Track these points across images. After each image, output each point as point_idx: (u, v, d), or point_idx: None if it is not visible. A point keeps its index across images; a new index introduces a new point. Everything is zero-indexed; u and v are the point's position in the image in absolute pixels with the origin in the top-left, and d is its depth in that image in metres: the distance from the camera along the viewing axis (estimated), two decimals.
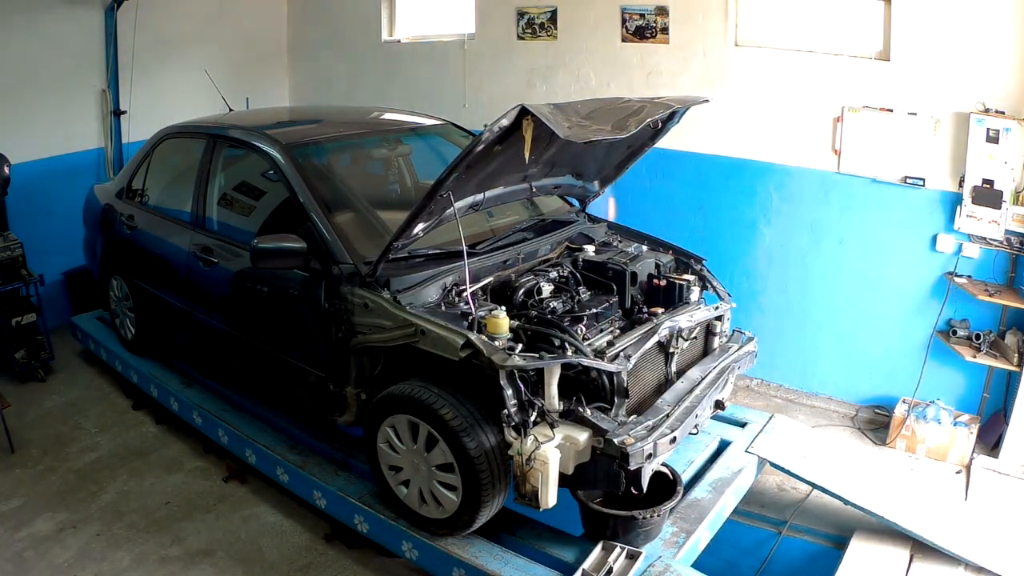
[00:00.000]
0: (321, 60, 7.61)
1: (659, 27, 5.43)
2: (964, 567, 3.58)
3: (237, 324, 4.05)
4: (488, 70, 6.38)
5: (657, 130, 3.72)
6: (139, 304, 4.85)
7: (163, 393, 4.74)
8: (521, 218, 4.07)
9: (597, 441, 2.85)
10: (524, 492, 2.84)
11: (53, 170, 6.08)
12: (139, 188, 4.87)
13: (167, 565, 3.74)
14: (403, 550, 3.38)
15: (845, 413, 5.21)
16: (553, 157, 3.55)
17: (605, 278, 3.61)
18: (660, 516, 3.17)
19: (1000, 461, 4.51)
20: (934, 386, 4.85)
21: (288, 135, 4.04)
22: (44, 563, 3.71)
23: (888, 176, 4.82)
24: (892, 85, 4.69)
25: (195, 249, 4.16)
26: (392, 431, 3.22)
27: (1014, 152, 4.35)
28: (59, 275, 6.16)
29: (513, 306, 3.28)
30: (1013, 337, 4.56)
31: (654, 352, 3.33)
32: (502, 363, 2.76)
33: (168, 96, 6.65)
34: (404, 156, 4.53)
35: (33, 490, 4.28)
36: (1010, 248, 4.51)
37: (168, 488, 4.34)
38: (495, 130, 2.71)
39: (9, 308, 5.32)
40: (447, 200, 3.07)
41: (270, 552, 3.88)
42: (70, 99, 6.18)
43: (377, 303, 3.20)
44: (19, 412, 4.95)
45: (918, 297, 4.89)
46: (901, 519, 3.68)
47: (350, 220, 3.64)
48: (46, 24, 5.88)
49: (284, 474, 3.93)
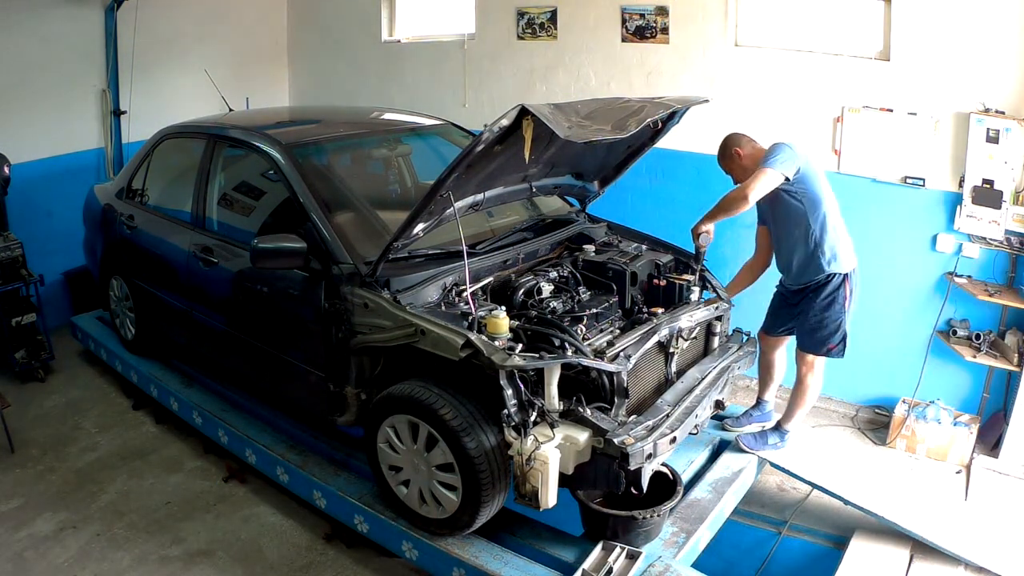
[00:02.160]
0: (321, 60, 7.61)
1: (659, 27, 5.43)
2: (964, 567, 3.58)
3: (237, 324, 4.05)
4: (488, 70, 6.38)
5: (657, 130, 3.73)
6: (139, 304, 4.85)
7: (163, 393, 4.74)
8: (521, 218, 4.07)
9: (597, 441, 2.84)
10: (524, 492, 2.83)
11: (53, 170, 6.08)
12: (139, 188, 4.86)
13: (167, 565, 3.74)
14: (403, 550, 3.38)
15: (845, 413, 5.21)
16: (553, 157, 3.55)
17: (605, 278, 3.62)
18: (660, 516, 3.17)
19: (1000, 461, 4.50)
20: (934, 386, 4.85)
21: (288, 135, 4.04)
22: (44, 563, 3.72)
23: (888, 176, 4.82)
24: (892, 85, 4.69)
25: (195, 249, 4.16)
26: (392, 431, 3.22)
27: (1014, 152, 4.35)
28: (59, 275, 6.15)
29: (513, 306, 3.29)
30: (1013, 337, 4.56)
31: (654, 352, 3.33)
32: (502, 363, 2.76)
33: (168, 96, 6.65)
34: (404, 156, 4.53)
35: (33, 490, 4.28)
36: (1010, 248, 4.51)
37: (168, 488, 4.34)
38: (495, 130, 2.71)
39: (9, 308, 5.32)
40: (447, 200, 3.07)
41: (270, 552, 3.88)
42: (70, 99, 6.17)
43: (377, 303, 3.20)
44: (19, 412, 4.95)
45: (918, 297, 4.89)
46: (901, 519, 3.69)
47: (350, 220, 3.64)
48: (46, 24, 5.88)
49: (284, 474, 3.93)
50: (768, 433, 4.01)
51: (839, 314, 3.67)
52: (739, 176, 3.75)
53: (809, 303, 3.71)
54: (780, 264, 3.88)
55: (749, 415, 4.18)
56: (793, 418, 3.97)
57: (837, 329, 3.69)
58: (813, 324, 3.72)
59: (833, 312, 3.66)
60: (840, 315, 3.67)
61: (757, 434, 4.02)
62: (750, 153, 3.69)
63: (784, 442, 3.99)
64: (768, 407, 4.18)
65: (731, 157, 3.75)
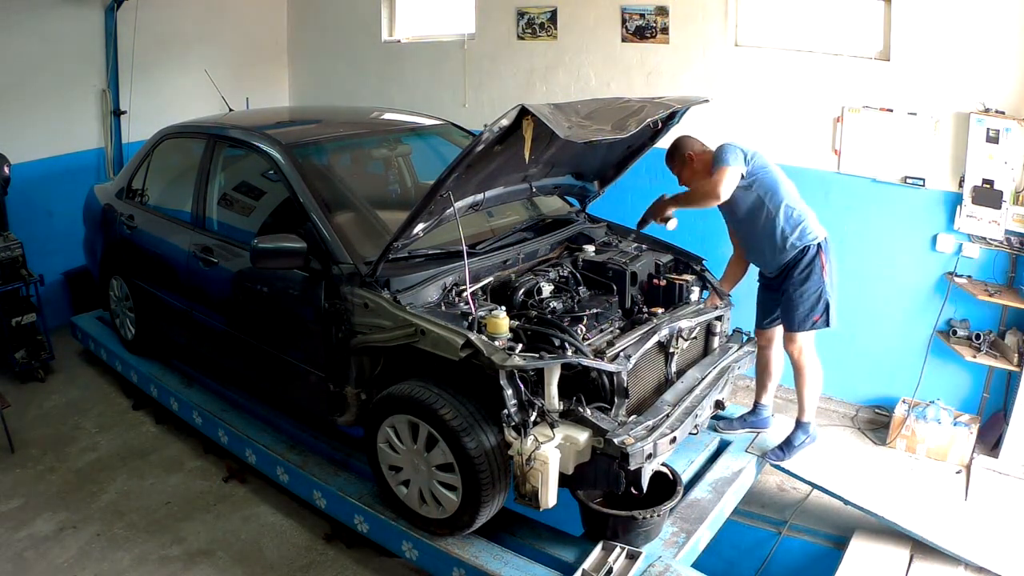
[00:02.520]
0: (321, 60, 7.61)
1: (659, 27, 5.43)
2: (964, 567, 3.58)
3: (237, 324, 4.05)
4: (488, 70, 6.38)
5: (657, 130, 3.73)
6: (139, 304, 4.85)
7: (163, 393, 4.74)
8: (521, 218, 4.07)
9: (597, 441, 2.84)
10: (524, 492, 2.83)
11: (53, 170, 6.07)
12: (139, 188, 4.86)
13: (167, 565, 3.74)
14: (403, 550, 3.38)
15: (845, 413, 5.21)
16: (553, 157, 3.55)
17: (605, 278, 3.62)
18: (660, 516, 3.17)
19: (1000, 461, 4.50)
20: (934, 386, 4.85)
21: (288, 135, 4.04)
22: (44, 563, 3.72)
23: (888, 176, 4.82)
24: (892, 85, 4.69)
25: (195, 249, 4.16)
26: (392, 431, 3.22)
27: (1014, 152, 4.35)
28: (59, 275, 6.15)
29: (513, 306, 3.28)
30: (1013, 337, 4.56)
31: (654, 352, 3.33)
32: (502, 363, 2.76)
33: (168, 96, 6.65)
34: (404, 156, 4.53)
35: (33, 490, 4.28)
36: (1010, 248, 4.51)
37: (168, 488, 4.34)
38: (495, 130, 2.71)
39: (9, 308, 5.32)
40: (447, 200, 3.07)
41: (270, 552, 3.88)
42: (70, 99, 6.18)
43: (377, 303, 3.20)
44: (19, 412, 4.95)
45: (918, 297, 4.89)
46: (901, 519, 3.69)
47: (350, 220, 3.63)
48: (46, 24, 5.88)
49: (284, 474, 3.93)
50: (792, 437, 3.94)
51: (818, 284, 3.65)
52: (688, 179, 3.80)
53: (788, 280, 3.70)
54: (754, 259, 3.92)
55: (743, 420, 4.17)
56: (807, 408, 3.91)
57: (819, 299, 3.67)
58: (796, 299, 3.69)
59: (812, 283, 3.66)
60: (820, 284, 3.66)
61: (782, 446, 3.95)
62: (701, 157, 3.73)
63: (811, 435, 3.93)
64: (765, 412, 4.16)
65: (685, 160, 3.77)
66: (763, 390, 4.14)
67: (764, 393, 4.14)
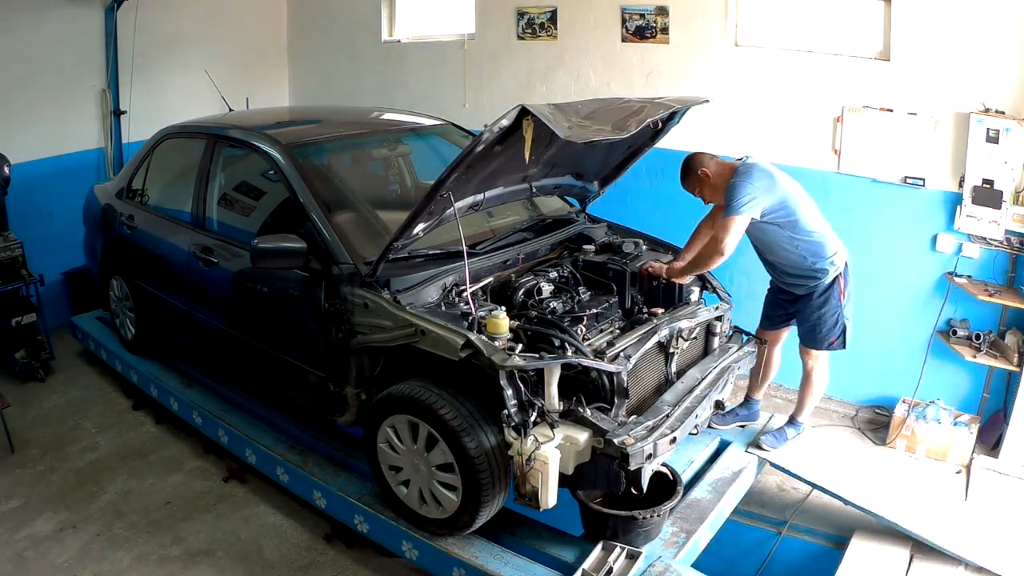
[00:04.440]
0: (321, 60, 7.61)
1: (659, 27, 5.43)
2: (964, 567, 3.58)
3: (237, 324, 4.05)
4: (488, 70, 6.38)
5: (657, 130, 3.72)
6: (139, 304, 4.85)
7: (163, 393, 4.74)
8: (521, 218, 4.07)
9: (597, 441, 2.84)
10: (524, 492, 2.83)
11: (53, 170, 6.07)
12: (139, 188, 4.86)
13: (167, 565, 3.74)
14: (403, 550, 3.38)
15: (845, 413, 5.21)
16: (553, 157, 3.55)
17: (605, 278, 3.62)
18: (660, 516, 3.17)
19: (1000, 461, 4.50)
20: (934, 386, 4.85)
21: (288, 135, 4.04)
22: (44, 563, 3.72)
23: (888, 176, 4.82)
24: (892, 85, 4.69)
25: (195, 249, 4.16)
26: (392, 431, 3.22)
27: (1014, 152, 4.35)
28: (59, 275, 6.15)
29: (513, 306, 3.29)
30: (1013, 337, 4.56)
31: (654, 352, 3.33)
32: (502, 363, 2.76)
33: (168, 96, 6.65)
34: (404, 156, 4.53)
35: (33, 490, 4.28)
36: (1010, 248, 4.51)
37: (168, 488, 4.34)
38: (495, 130, 2.70)
39: (9, 308, 5.32)
40: (447, 200, 3.07)
41: (270, 552, 3.88)
42: (70, 99, 6.18)
43: (377, 303, 3.20)
44: (19, 412, 4.95)
45: (918, 297, 4.90)
46: (901, 519, 3.69)
47: (350, 220, 3.63)
48: (46, 24, 5.88)
49: (284, 474, 3.93)
50: (785, 428, 4.06)
51: (836, 309, 3.71)
52: (708, 195, 3.69)
53: (805, 303, 3.77)
54: (774, 276, 3.91)
55: (735, 413, 4.19)
56: (804, 410, 4.04)
57: (836, 323, 3.74)
58: (813, 322, 3.77)
59: (830, 308, 3.71)
60: (837, 309, 3.71)
61: (775, 432, 4.05)
62: (717, 171, 3.61)
63: (801, 432, 4.05)
64: (757, 406, 4.21)
65: (699, 178, 3.65)
66: (757, 386, 4.19)
67: (758, 389, 4.19)
